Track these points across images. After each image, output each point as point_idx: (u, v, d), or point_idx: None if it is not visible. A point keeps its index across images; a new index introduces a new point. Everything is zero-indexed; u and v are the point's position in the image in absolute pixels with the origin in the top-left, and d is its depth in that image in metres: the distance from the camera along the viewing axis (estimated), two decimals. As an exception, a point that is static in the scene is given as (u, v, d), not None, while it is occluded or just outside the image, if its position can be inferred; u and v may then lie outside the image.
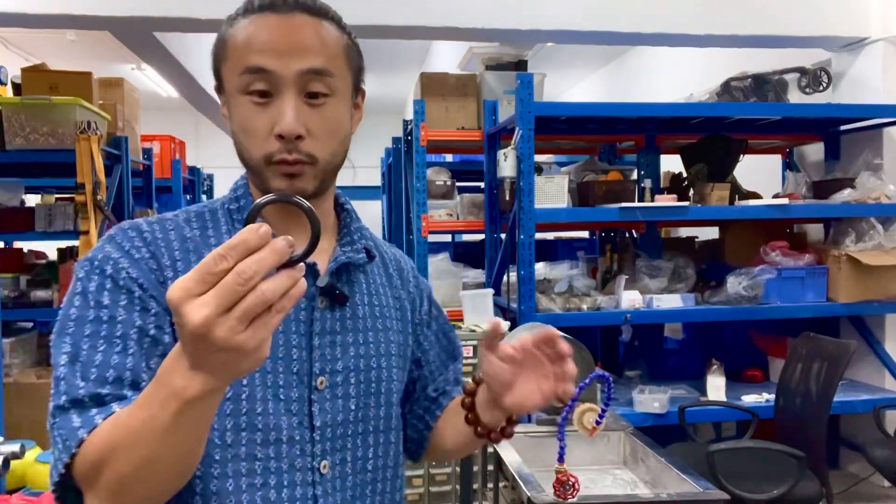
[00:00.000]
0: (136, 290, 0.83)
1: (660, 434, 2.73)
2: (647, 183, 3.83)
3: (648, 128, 4.11)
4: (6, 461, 1.64)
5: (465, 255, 4.85)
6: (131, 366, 0.80)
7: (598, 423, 1.78)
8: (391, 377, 0.99)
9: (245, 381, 0.86)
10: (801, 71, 4.14)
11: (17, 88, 3.84)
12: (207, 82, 6.22)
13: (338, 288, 0.93)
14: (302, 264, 0.62)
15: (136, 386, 0.79)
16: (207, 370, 0.63)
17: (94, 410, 0.76)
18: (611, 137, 4.52)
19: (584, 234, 5.45)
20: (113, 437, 0.72)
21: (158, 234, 0.89)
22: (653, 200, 3.64)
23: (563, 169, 4.09)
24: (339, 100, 0.91)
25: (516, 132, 3.37)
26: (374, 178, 7.68)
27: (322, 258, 0.95)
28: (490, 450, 2.24)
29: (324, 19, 0.90)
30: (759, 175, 4.47)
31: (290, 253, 0.61)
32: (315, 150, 0.88)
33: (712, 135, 3.87)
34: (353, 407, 0.93)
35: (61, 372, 0.79)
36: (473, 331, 3.28)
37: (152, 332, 0.83)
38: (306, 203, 0.66)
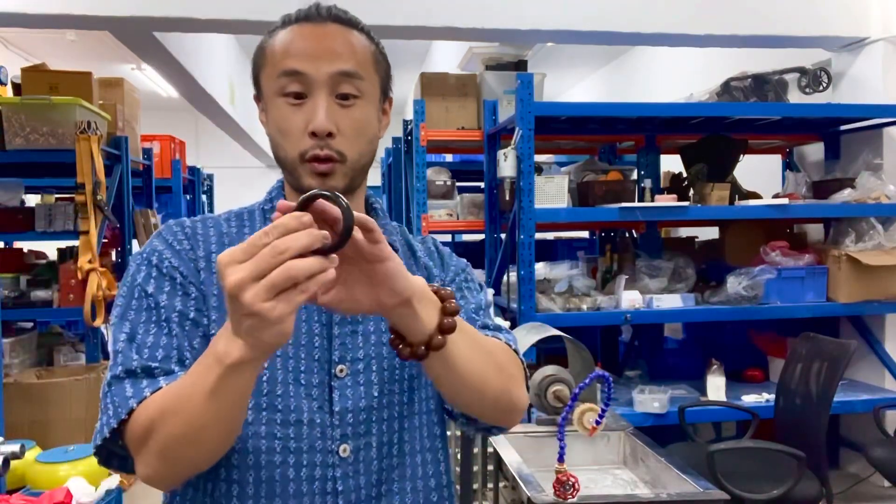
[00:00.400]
0: (177, 276, 0.93)
1: (660, 434, 2.73)
2: (647, 183, 3.83)
3: (648, 128, 4.11)
4: (6, 461, 1.64)
5: (465, 255, 4.78)
6: (176, 345, 0.89)
7: (597, 423, 1.79)
8: (414, 363, 0.97)
9: (267, 364, 0.91)
10: (801, 71, 4.14)
11: (17, 88, 3.84)
12: (207, 82, 6.22)
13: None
14: (335, 255, 0.69)
15: (182, 363, 0.88)
16: (243, 336, 0.70)
17: (144, 382, 0.85)
18: (611, 137, 4.52)
19: (584, 234, 5.45)
20: (164, 403, 0.81)
21: (199, 229, 0.99)
22: (653, 200, 3.64)
23: (563, 169, 4.09)
24: (368, 102, 0.97)
25: (516, 132, 3.37)
26: (375, 178, 7.68)
27: None
28: (490, 450, 2.24)
29: (354, 29, 0.99)
30: (759, 175, 4.47)
31: (322, 239, 0.68)
32: (344, 148, 0.94)
33: (712, 135, 3.87)
34: (375, 394, 0.97)
35: (120, 346, 0.89)
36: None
37: (192, 314, 0.92)
38: (344, 200, 0.71)
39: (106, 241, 4.08)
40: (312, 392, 0.94)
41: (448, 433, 1.17)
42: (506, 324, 2.93)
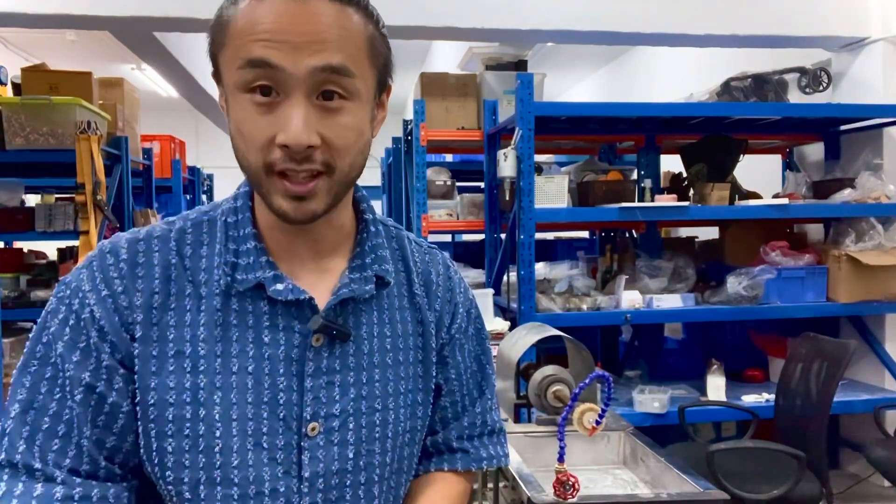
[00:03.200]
0: (93, 335, 0.77)
1: (660, 434, 2.73)
2: (647, 183, 3.83)
3: (648, 128, 4.11)
4: (6, 461, 1.64)
5: (465, 255, 4.85)
6: (76, 423, 0.76)
7: (598, 423, 1.78)
8: (399, 418, 0.87)
9: (219, 432, 0.77)
10: (801, 71, 4.14)
11: (17, 88, 3.84)
12: (208, 82, 6.23)
13: (335, 327, 0.81)
14: None
15: (80, 448, 0.76)
16: None
17: (19, 487, 0.73)
18: (611, 137, 4.52)
19: (584, 234, 5.45)
20: None
21: (140, 258, 0.80)
22: (653, 200, 3.64)
23: (563, 169, 4.09)
24: (360, 104, 0.77)
25: (516, 132, 3.37)
26: (374, 178, 7.68)
27: (328, 282, 0.84)
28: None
29: (347, 5, 0.74)
30: (759, 175, 4.47)
31: None
32: (331, 159, 0.75)
33: (712, 135, 3.87)
34: (351, 455, 0.82)
35: (8, 425, 0.76)
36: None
37: (100, 387, 0.76)
38: None
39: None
40: (277, 455, 0.79)
41: None
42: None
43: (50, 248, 4.76)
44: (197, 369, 0.78)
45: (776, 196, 3.87)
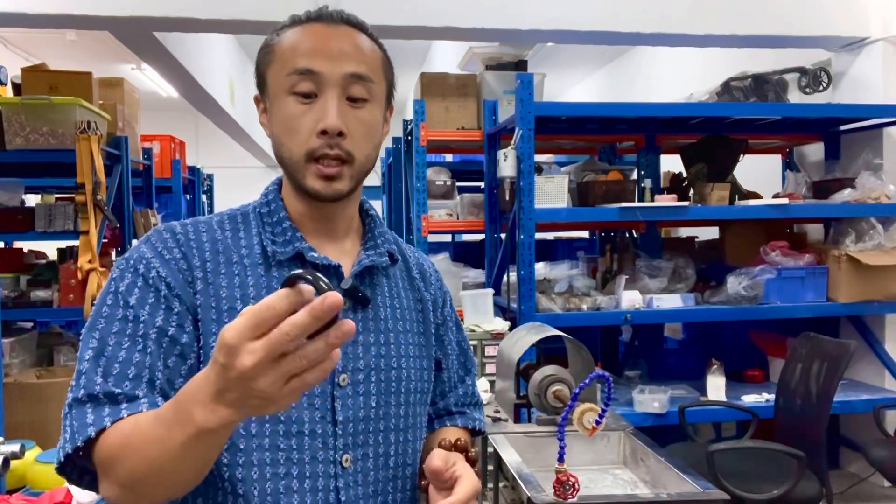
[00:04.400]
0: (162, 288, 0.89)
1: (660, 434, 2.73)
2: (647, 183, 3.83)
3: (648, 128, 4.11)
4: (6, 461, 1.64)
5: (465, 255, 4.85)
6: (149, 364, 0.85)
7: (597, 423, 1.78)
8: (410, 377, 1.02)
9: None
10: (801, 71, 4.14)
11: (17, 88, 3.84)
12: (207, 82, 6.22)
13: (360, 290, 0.96)
14: (350, 323, 0.65)
15: (152, 384, 0.85)
16: (234, 407, 0.68)
17: (106, 410, 0.82)
18: (611, 137, 4.52)
19: (584, 234, 5.45)
20: (129, 439, 0.79)
21: (192, 235, 0.96)
22: (653, 200, 3.64)
23: (563, 169, 4.09)
24: (376, 106, 0.98)
25: (516, 132, 3.37)
26: (374, 178, 7.69)
27: (346, 261, 1.00)
28: (490, 450, 2.24)
29: (364, 34, 0.98)
30: (759, 175, 4.47)
31: (332, 314, 0.63)
32: (353, 149, 0.94)
33: (712, 135, 3.87)
34: (373, 404, 0.97)
35: (84, 366, 0.85)
36: (473, 331, 3.28)
37: (171, 331, 0.88)
38: (325, 281, 0.66)
39: (106, 241, 4.07)
40: (315, 402, 0.93)
41: None
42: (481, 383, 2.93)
43: (50, 248, 4.76)
44: None
45: (776, 196, 3.87)
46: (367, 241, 1.04)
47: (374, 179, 8.39)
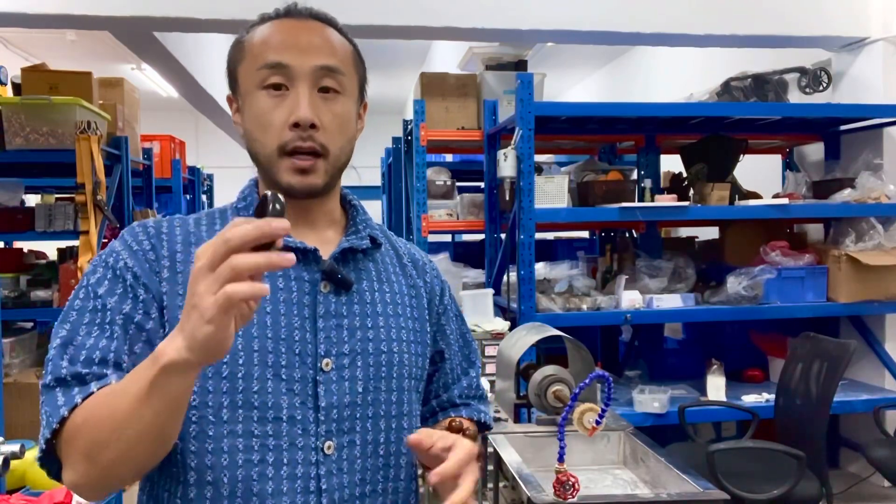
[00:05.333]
0: (129, 278, 0.90)
1: (660, 434, 2.73)
2: (647, 183, 3.83)
3: (648, 128, 4.11)
4: (6, 461, 1.64)
5: (465, 255, 4.85)
6: (115, 348, 0.86)
7: (597, 423, 1.78)
8: (403, 362, 0.99)
9: (242, 360, 0.89)
10: (801, 71, 4.14)
11: (17, 88, 3.83)
12: (207, 82, 6.22)
13: (340, 272, 0.95)
14: (289, 255, 0.68)
15: (119, 366, 0.85)
16: (185, 333, 0.70)
17: (76, 389, 0.83)
18: (611, 137, 4.52)
19: (584, 234, 5.44)
20: (94, 405, 0.80)
21: (164, 229, 0.96)
22: (653, 200, 3.63)
23: (563, 169, 4.09)
24: (349, 99, 0.98)
25: (516, 132, 3.37)
26: (374, 178, 7.69)
27: (327, 249, 0.98)
28: (490, 450, 2.24)
29: (331, 26, 0.99)
30: (759, 175, 4.47)
31: (275, 233, 0.67)
32: (327, 142, 0.94)
33: (712, 135, 3.87)
34: (360, 390, 0.94)
35: (51, 354, 0.86)
36: (473, 331, 3.28)
37: (137, 318, 0.88)
38: (282, 201, 0.70)
39: (106, 241, 4.07)
40: (294, 387, 0.90)
41: None
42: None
43: (50, 248, 4.76)
44: None
45: (776, 196, 3.87)
46: (349, 228, 1.03)
47: (374, 179, 8.40)
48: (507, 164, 3.39)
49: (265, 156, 0.94)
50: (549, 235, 5.31)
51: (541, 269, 3.92)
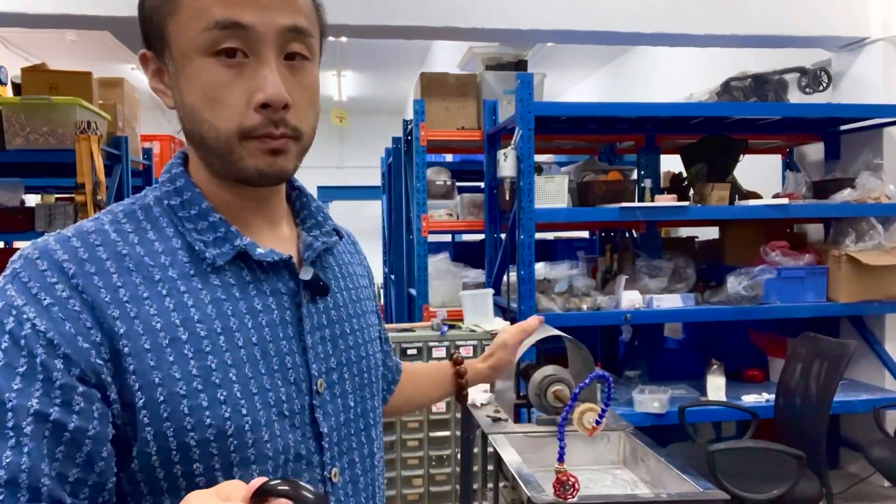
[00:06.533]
0: (38, 351, 0.65)
1: (660, 434, 2.73)
2: (647, 183, 3.83)
3: (648, 128, 4.11)
4: None
5: (465, 255, 4.85)
6: (27, 467, 0.62)
7: (598, 423, 1.78)
8: (377, 363, 0.92)
9: (245, 409, 0.73)
10: (801, 71, 4.14)
11: (17, 88, 3.83)
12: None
13: (321, 278, 0.82)
14: None
15: (36, 492, 0.62)
16: None
17: None
18: (611, 137, 4.52)
19: (584, 234, 5.44)
20: None
21: (83, 255, 0.70)
22: (653, 200, 3.63)
23: (563, 169, 4.09)
24: (315, 65, 0.80)
25: (516, 132, 3.37)
26: (374, 178, 7.69)
27: (289, 247, 0.84)
28: (490, 450, 2.24)
29: None
30: (759, 175, 4.47)
31: None
32: (299, 124, 0.76)
33: (712, 135, 3.87)
34: (352, 404, 0.85)
35: None
36: (473, 331, 3.28)
37: (54, 415, 0.64)
38: (311, 491, 0.55)
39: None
40: (295, 421, 0.77)
41: (447, 433, 1.25)
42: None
43: (50, 248, 4.76)
44: (202, 352, 0.72)
45: (776, 196, 3.87)
46: (306, 219, 0.88)
47: (374, 179, 8.40)
48: (507, 164, 3.39)
49: (218, 139, 0.74)
50: (549, 235, 5.31)
51: (541, 269, 3.92)
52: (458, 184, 4.49)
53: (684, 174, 3.99)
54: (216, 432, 0.71)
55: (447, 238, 5.74)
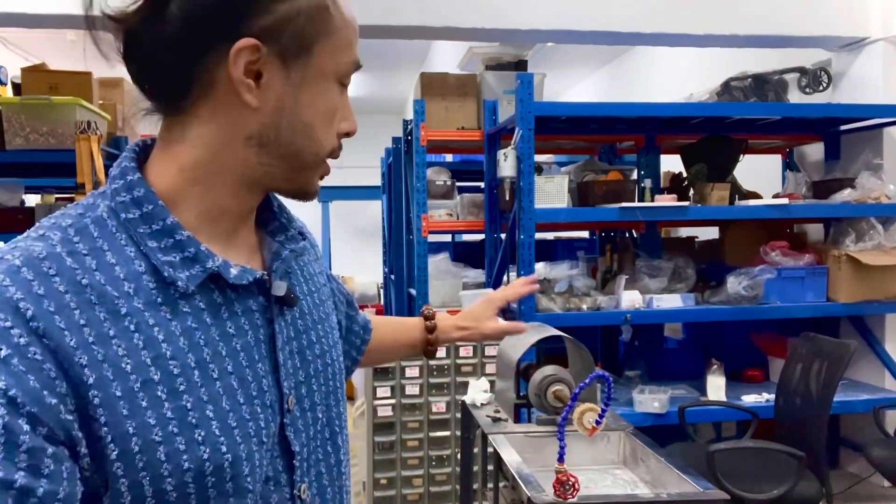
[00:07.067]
0: None
1: (660, 434, 2.73)
2: (647, 183, 3.83)
3: (648, 128, 4.11)
4: None
5: (465, 255, 4.85)
6: None
7: (598, 423, 1.78)
8: (341, 368, 0.89)
9: (224, 447, 0.68)
10: (801, 71, 4.14)
11: (17, 88, 3.83)
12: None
13: (293, 292, 0.79)
14: None
15: None
16: None
17: None
18: (611, 137, 4.52)
19: (584, 234, 5.44)
20: None
21: (38, 289, 0.62)
22: (653, 200, 3.64)
23: (563, 169, 4.09)
24: None
25: (516, 132, 3.37)
26: (374, 178, 7.68)
27: (255, 256, 0.80)
28: (490, 450, 2.24)
29: None
30: (759, 175, 4.47)
31: None
32: None
33: (712, 135, 3.87)
34: (319, 415, 0.82)
35: None
36: (473, 331, 3.28)
37: (20, 481, 0.57)
38: None
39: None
40: (268, 443, 0.74)
41: (447, 433, 1.26)
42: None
43: (50, 249, 4.75)
44: (177, 391, 0.67)
45: (776, 196, 3.87)
46: (269, 222, 0.84)
47: (374, 179, 8.40)
48: (507, 164, 3.39)
49: (317, 156, 0.77)
50: (549, 235, 5.31)
51: (541, 269, 3.92)
52: (458, 184, 4.49)
53: (684, 174, 3.99)
54: (194, 474, 0.66)
55: (447, 238, 5.74)
